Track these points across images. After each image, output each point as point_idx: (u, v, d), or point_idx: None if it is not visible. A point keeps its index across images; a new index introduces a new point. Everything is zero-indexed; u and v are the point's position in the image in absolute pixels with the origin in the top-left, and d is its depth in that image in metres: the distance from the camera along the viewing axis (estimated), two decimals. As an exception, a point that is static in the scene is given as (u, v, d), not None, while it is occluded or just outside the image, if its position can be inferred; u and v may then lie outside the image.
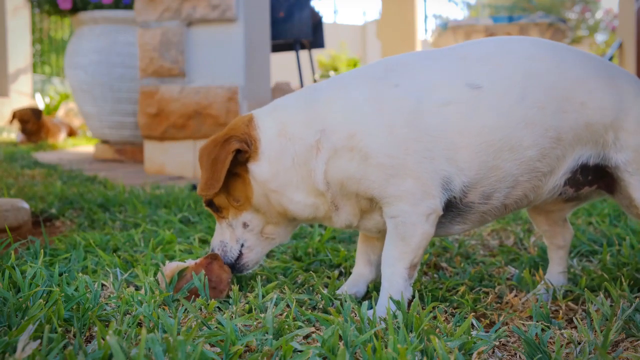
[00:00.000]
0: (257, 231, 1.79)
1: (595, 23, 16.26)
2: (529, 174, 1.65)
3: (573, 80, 1.65)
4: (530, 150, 1.62)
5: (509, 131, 1.61)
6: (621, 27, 8.73)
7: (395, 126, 1.59)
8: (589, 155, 1.68)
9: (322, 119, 1.65)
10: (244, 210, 1.76)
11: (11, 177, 4.48)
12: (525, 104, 1.61)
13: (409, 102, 1.61)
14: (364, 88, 1.66)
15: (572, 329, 1.58)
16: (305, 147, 1.66)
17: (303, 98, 1.73)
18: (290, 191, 1.69)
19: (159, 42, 4.93)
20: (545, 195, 1.72)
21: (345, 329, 1.32)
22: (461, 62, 1.68)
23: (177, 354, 1.14)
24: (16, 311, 1.45)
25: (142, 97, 5.05)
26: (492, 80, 1.63)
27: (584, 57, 1.72)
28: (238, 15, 4.82)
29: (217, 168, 1.67)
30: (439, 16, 20.93)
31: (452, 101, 1.61)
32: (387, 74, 1.68)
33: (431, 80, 1.65)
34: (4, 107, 11.27)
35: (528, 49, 1.70)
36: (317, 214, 1.72)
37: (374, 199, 1.64)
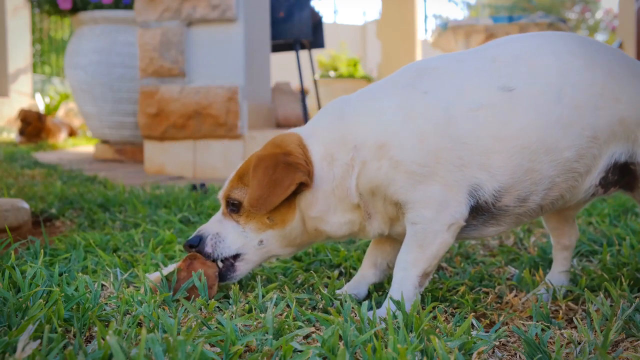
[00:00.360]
0: (269, 249, 1.74)
1: (595, 23, 16.26)
2: (566, 174, 1.62)
3: (606, 75, 1.62)
4: (567, 151, 1.59)
5: (545, 133, 1.57)
6: (621, 27, 8.73)
7: (426, 134, 1.55)
8: (621, 152, 1.65)
9: (353, 134, 1.61)
10: (272, 229, 1.70)
11: (11, 177, 4.48)
12: (561, 104, 1.58)
13: (439, 109, 1.57)
14: (392, 97, 1.63)
15: (572, 329, 1.58)
16: (342, 168, 1.62)
17: (335, 114, 1.69)
18: (329, 215, 1.67)
19: (159, 42, 4.93)
20: (581, 195, 1.69)
21: (345, 329, 1.32)
22: (492, 64, 1.64)
23: (177, 354, 1.14)
24: (16, 311, 1.45)
25: (142, 97, 5.05)
26: (526, 81, 1.60)
27: (612, 51, 1.70)
28: (238, 15, 4.82)
29: (275, 192, 1.60)
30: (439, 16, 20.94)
31: (484, 105, 1.57)
32: (415, 81, 1.64)
33: (461, 84, 1.61)
34: (4, 107, 11.26)
35: (559, 45, 1.66)
36: (352, 229, 1.70)
37: (399, 204, 1.61)
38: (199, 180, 4.61)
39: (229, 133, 4.87)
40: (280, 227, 1.69)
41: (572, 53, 1.64)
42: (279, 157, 1.63)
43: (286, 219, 1.68)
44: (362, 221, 1.68)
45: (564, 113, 1.58)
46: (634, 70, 1.67)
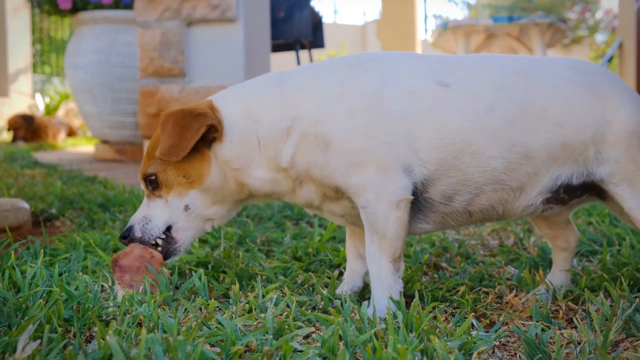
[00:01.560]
0: (197, 213, 1.75)
1: (595, 23, 16.25)
2: (494, 184, 1.63)
3: (550, 100, 1.63)
4: (494, 161, 1.61)
5: (471, 136, 1.60)
6: (621, 27, 8.73)
7: (357, 111, 1.59)
8: (570, 175, 1.65)
9: (293, 106, 1.65)
10: (192, 188, 1.72)
11: (11, 177, 4.48)
12: (493, 114, 1.60)
13: (373, 86, 1.61)
14: (334, 75, 1.67)
15: (572, 329, 1.58)
16: (274, 131, 1.65)
17: (271, 83, 1.73)
18: (252, 169, 1.69)
19: (159, 42, 4.93)
20: (520, 212, 1.69)
21: (345, 329, 1.32)
22: (438, 64, 1.69)
23: (177, 354, 1.14)
24: (16, 311, 1.45)
25: (142, 97, 5.06)
26: (463, 84, 1.63)
27: (566, 72, 1.68)
28: (238, 15, 4.82)
29: (186, 136, 1.63)
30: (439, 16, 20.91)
31: (416, 91, 1.61)
32: (360, 62, 1.68)
33: (402, 72, 1.65)
34: (4, 107, 11.26)
35: (507, 64, 1.69)
36: (276, 189, 1.72)
37: (340, 189, 1.64)
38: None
39: (229, 133, 4.86)
40: (199, 183, 1.71)
41: (517, 73, 1.67)
42: (186, 111, 1.68)
43: (202, 172, 1.70)
44: (291, 185, 1.70)
45: (495, 124, 1.60)
46: (588, 90, 1.65)
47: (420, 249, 2.36)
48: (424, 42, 14.93)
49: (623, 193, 1.64)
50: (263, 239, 2.51)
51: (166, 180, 1.73)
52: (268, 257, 2.27)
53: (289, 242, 2.42)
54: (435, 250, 2.39)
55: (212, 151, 1.69)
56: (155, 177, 1.73)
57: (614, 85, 1.69)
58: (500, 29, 7.61)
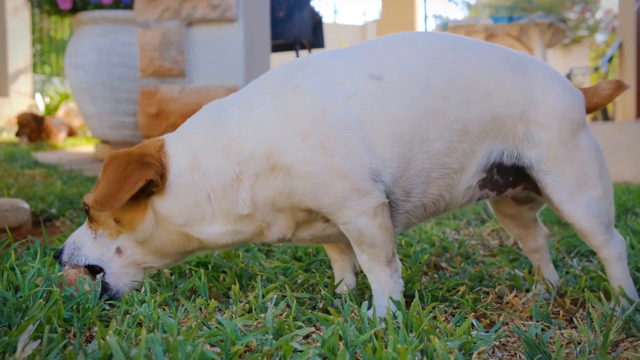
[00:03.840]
0: (132, 259, 1.67)
1: (595, 23, 16.26)
2: (440, 170, 1.61)
3: (477, 70, 1.61)
4: (437, 142, 1.58)
5: (416, 121, 1.56)
6: (621, 27, 8.73)
7: (307, 130, 1.52)
8: (501, 151, 1.63)
9: (236, 149, 1.56)
10: (122, 233, 1.64)
11: (11, 177, 4.48)
12: (428, 93, 1.57)
13: (311, 101, 1.54)
14: (267, 99, 1.58)
15: (572, 329, 1.58)
16: (224, 181, 1.57)
17: (210, 123, 1.62)
18: (204, 225, 1.61)
19: (159, 42, 4.93)
20: (461, 197, 1.67)
21: (345, 329, 1.32)
22: (363, 55, 1.63)
23: (177, 354, 1.14)
24: (16, 311, 1.45)
25: (142, 97, 5.06)
26: (394, 70, 1.59)
27: (490, 47, 1.69)
28: (238, 15, 4.82)
29: (122, 188, 1.54)
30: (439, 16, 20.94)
31: (356, 93, 1.56)
32: (287, 78, 1.61)
33: (332, 76, 1.59)
34: (4, 107, 11.26)
35: (430, 40, 1.66)
36: (238, 238, 1.64)
37: (313, 211, 1.58)
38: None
39: (229, 133, 4.86)
40: (130, 229, 1.62)
41: (441, 47, 1.64)
42: (133, 155, 1.58)
43: (135, 220, 1.61)
44: (257, 230, 1.63)
45: (432, 103, 1.57)
46: (513, 66, 1.64)
47: (420, 249, 2.36)
48: (424, 42, 14.90)
49: (553, 182, 1.62)
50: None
51: (97, 217, 1.66)
52: (268, 257, 2.27)
53: (289, 242, 2.42)
54: (435, 250, 2.39)
55: (150, 202, 1.60)
56: (87, 210, 1.67)
57: (541, 68, 1.68)
58: (500, 29, 7.61)
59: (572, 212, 1.63)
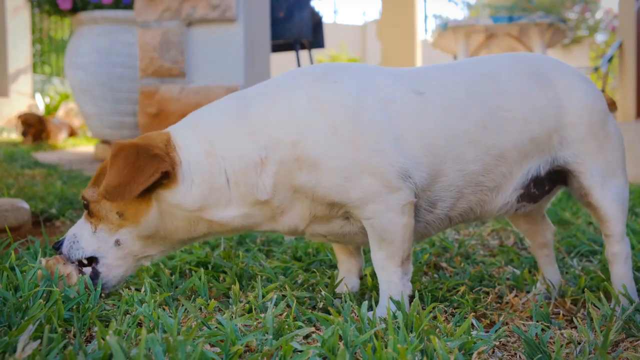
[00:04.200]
0: (129, 250, 1.65)
1: (595, 23, 16.25)
2: (473, 187, 1.64)
3: (514, 99, 1.65)
4: (472, 164, 1.62)
5: (451, 142, 1.59)
6: (621, 27, 8.73)
7: (338, 124, 1.52)
8: (538, 165, 1.68)
9: (262, 133, 1.55)
10: (124, 227, 1.62)
11: (11, 177, 4.48)
12: (467, 121, 1.61)
13: (351, 97, 1.55)
14: (302, 90, 1.57)
15: (572, 329, 1.58)
16: (245, 166, 1.55)
17: (233, 112, 1.61)
18: (219, 209, 1.59)
19: (159, 42, 4.93)
20: (497, 211, 1.71)
21: (345, 329, 1.32)
22: (405, 74, 1.66)
23: (177, 354, 1.14)
24: (16, 311, 1.45)
25: (142, 97, 5.06)
26: (437, 92, 1.62)
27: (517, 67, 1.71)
28: (238, 15, 4.82)
29: (137, 179, 1.51)
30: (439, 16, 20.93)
31: (395, 101, 1.58)
32: (326, 73, 1.61)
33: (375, 81, 1.61)
34: (4, 107, 11.26)
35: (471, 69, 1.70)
36: (248, 222, 1.63)
37: (337, 205, 1.58)
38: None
39: (229, 133, 4.86)
40: (133, 223, 1.61)
41: (481, 76, 1.67)
42: (142, 147, 1.56)
43: (139, 213, 1.59)
44: (269, 214, 1.61)
45: (469, 130, 1.60)
46: (541, 81, 1.68)
47: (420, 249, 2.36)
48: (424, 42, 14.93)
49: (586, 170, 1.67)
50: (263, 239, 2.51)
51: (98, 212, 1.64)
52: (268, 257, 2.27)
53: (289, 242, 2.42)
54: (435, 250, 2.38)
55: (155, 194, 1.59)
56: (87, 204, 1.65)
57: (559, 69, 1.72)
58: (500, 29, 7.61)
59: (601, 196, 1.68)
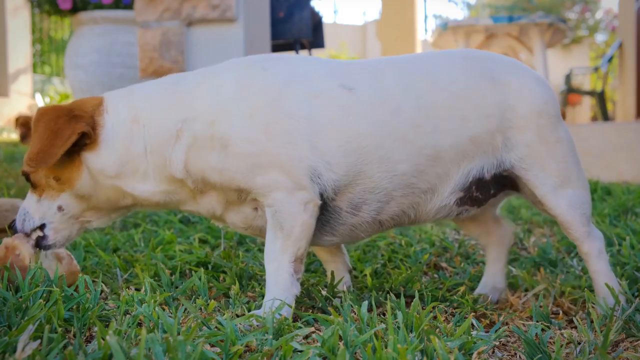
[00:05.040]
0: (72, 214, 1.67)
1: (595, 23, 16.25)
2: (404, 189, 1.59)
3: (453, 97, 1.59)
4: (402, 164, 1.56)
5: (378, 140, 1.55)
6: (621, 27, 8.73)
7: (257, 109, 1.52)
8: (481, 167, 1.62)
9: (185, 106, 1.57)
10: (63, 191, 1.64)
11: (11, 177, 4.48)
12: (398, 119, 1.56)
13: (276, 85, 1.54)
14: (232, 72, 1.60)
15: (572, 329, 1.58)
16: (162, 135, 1.56)
17: (165, 85, 1.65)
18: (136, 181, 1.61)
19: (159, 42, 4.94)
20: (434, 215, 1.66)
21: (345, 329, 1.32)
22: (342, 67, 1.64)
23: (177, 354, 1.14)
24: (16, 311, 1.45)
25: (142, 97, 5.05)
26: (367, 88, 1.58)
27: (464, 62, 1.66)
28: (238, 15, 4.82)
29: (55, 143, 1.52)
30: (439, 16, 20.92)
31: (322, 93, 1.55)
32: (260, 62, 1.61)
33: (304, 72, 1.59)
34: (4, 107, 11.25)
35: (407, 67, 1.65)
36: (170, 199, 1.64)
37: (243, 190, 1.57)
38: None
39: (229, 133, 4.86)
40: (69, 187, 1.62)
41: (419, 74, 1.62)
42: (62, 110, 1.58)
43: (72, 177, 1.61)
44: (189, 196, 1.62)
45: (400, 128, 1.56)
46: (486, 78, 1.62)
47: (420, 249, 2.36)
48: (424, 42, 14.92)
49: (535, 179, 1.62)
50: (263, 239, 2.51)
51: (38, 181, 1.65)
52: (268, 257, 2.27)
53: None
54: (435, 250, 2.38)
55: (84, 158, 1.60)
56: (28, 176, 1.66)
57: (512, 68, 1.66)
58: (500, 29, 7.61)
59: (555, 204, 1.63)
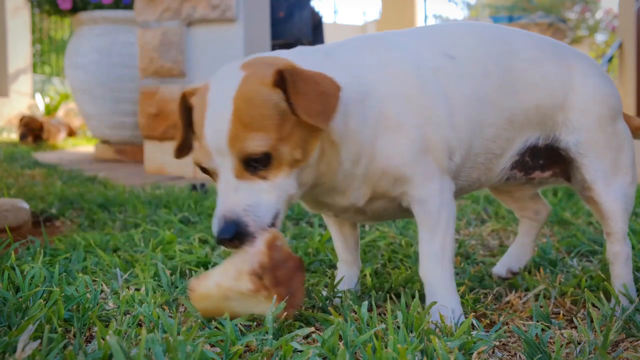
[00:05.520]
0: (292, 194, 1.41)
1: (595, 23, 16.26)
2: (485, 155, 1.62)
3: (526, 62, 1.64)
4: (489, 128, 1.59)
5: (479, 105, 1.57)
6: (621, 27, 8.73)
7: (411, 92, 1.49)
8: (537, 137, 1.67)
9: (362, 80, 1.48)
10: (297, 166, 1.38)
11: (11, 177, 4.48)
12: (487, 81, 1.59)
13: (412, 66, 1.53)
14: (372, 53, 1.53)
15: (572, 329, 1.58)
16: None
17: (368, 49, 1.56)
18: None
19: (159, 42, 4.93)
20: (494, 179, 1.69)
21: (345, 329, 1.32)
22: (430, 36, 1.64)
23: (177, 354, 1.14)
24: (16, 311, 1.45)
25: (142, 97, 5.06)
26: (462, 54, 1.60)
27: (534, 38, 1.73)
28: (238, 15, 4.82)
29: (330, 102, 1.32)
30: (439, 16, 20.94)
31: (440, 68, 1.55)
32: (376, 42, 1.58)
33: (416, 48, 1.58)
34: (4, 107, 11.25)
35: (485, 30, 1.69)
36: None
37: (400, 180, 1.49)
38: (199, 180, 4.61)
39: (229, 133, 4.86)
40: (305, 160, 1.39)
41: (497, 37, 1.66)
42: (316, 73, 1.38)
43: (311, 148, 1.40)
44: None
45: (489, 90, 1.59)
46: (556, 55, 1.68)
47: (420, 249, 2.36)
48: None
49: (589, 163, 1.65)
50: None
51: (279, 157, 1.34)
52: (268, 257, 2.27)
53: (289, 242, 2.42)
54: (435, 250, 2.38)
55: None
56: (265, 155, 1.33)
57: (580, 57, 1.73)
58: (500, 29, 7.60)
59: (603, 191, 1.66)
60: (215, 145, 1.34)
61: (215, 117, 1.35)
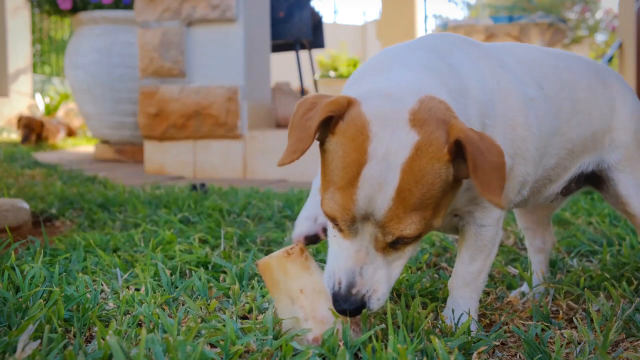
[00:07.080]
0: None
1: (595, 23, 16.26)
2: (542, 180, 1.63)
3: (584, 91, 1.65)
4: (552, 159, 1.60)
5: (551, 138, 1.57)
6: (621, 27, 8.73)
7: (516, 121, 1.43)
8: (589, 163, 1.68)
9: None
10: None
11: (11, 177, 4.48)
12: (561, 115, 1.58)
13: (519, 90, 1.46)
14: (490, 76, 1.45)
15: (572, 329, 1.58)
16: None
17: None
18: None
19: (159, 42, 4.93)
20: (540, 201, 1.71)
21: (345, 329, 1.32)
22: (522, 64, 1.56)
23: (177, 354, 1.14)
24: (16, 311, 1.45)
25: (142, 97, 5.06)
26: (546, 84, 1.57)
27: (583, 62, 1.72)
28: (238, 15, 4.82)
29: (503, 175, 1.20)
30: (439, 16, 20.94)
31: (535, 98, 1.51)
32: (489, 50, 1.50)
33: (515, 69, 1.52)
34: (4, 107, 11.25)
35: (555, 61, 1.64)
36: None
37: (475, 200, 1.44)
38: (199, 180, 4.61)
39: (229, 133, 4.87)
40: (439, 225, 1.28)
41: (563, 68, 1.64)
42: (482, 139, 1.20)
43: (450, 201, 1.29)
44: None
45: (562, 124, 1.60)
46: (601, 80, 1.69)
47: (420, 248, 2.36)
48: (424, 42, 14.89)
49: (625, 179, 1.68)
50: (263, 239, 2.51)
51: (424, 232, 1.25)
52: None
53: (289, 242, 2.42)
54: (435, 250, 2.38)
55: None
56: (419, 235, 1.22)
57: (614, 74, 1.76)
58: (500, 29, 7.61)
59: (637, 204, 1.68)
60: (364, 213, 1.18)
61: (374, 183, 1.16)
